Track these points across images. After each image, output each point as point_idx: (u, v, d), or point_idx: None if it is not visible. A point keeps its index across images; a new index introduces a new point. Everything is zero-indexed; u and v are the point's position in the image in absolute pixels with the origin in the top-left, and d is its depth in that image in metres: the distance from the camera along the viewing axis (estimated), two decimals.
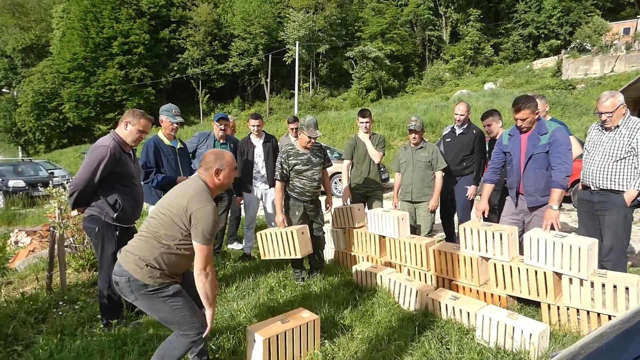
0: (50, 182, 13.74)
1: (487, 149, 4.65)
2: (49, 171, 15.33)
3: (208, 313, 2.26)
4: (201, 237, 2.14)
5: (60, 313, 3.31)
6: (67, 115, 35.82)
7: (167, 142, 3.95)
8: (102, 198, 2.98)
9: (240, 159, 4.78)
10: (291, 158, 3.80)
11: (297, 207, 3.93)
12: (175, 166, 3.93)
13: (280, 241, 3.71)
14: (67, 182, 4.40)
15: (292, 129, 5.73)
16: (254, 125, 4.85)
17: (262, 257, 3.88)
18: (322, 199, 4.22)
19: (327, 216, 4.67)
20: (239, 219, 5.89)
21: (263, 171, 4.89)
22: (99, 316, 3.17)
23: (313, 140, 3.78)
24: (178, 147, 4.04)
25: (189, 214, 2.15)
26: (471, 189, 4.55)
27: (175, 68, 38.34)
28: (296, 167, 3.81)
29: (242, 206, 5.11)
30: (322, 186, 4.11)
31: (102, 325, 3.07)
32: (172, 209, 2.19)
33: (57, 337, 2.92)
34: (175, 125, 3.93)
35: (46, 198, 12.52)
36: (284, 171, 3.81)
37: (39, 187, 13.18)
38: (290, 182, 3.89)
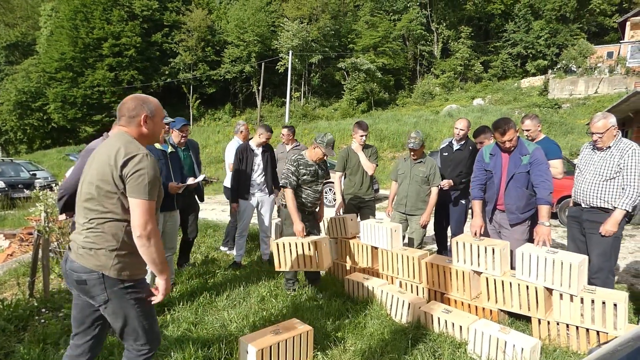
0: (34, 183, 13.50)
1: None
2: (31, 172, 14.94)
3: (161, 282, 1.93)
4: (138, 189, 1.79)
5: (42, 321, 3.18)
6: (51, 115, 35.00)
7: (157, 145, 3.82)
8: None
9: (239, 165, 4.73)
10: (302, 167, 3.80)
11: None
12: (166, 171, 3.79)
13: (301, 252, 3.53)
14: (55, 185, 4.25)
15: (284, 134, 5.86)
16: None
17: (277, 269, 3.64)
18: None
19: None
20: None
21: (260, 179, 4.85)
22: None
23: (325, 158, 3.85)
24: (169, 150, 3.92)
25: (121, 171, 1.79)
26: (447, 181, 4.55)
27: (167, 72, 38.04)
28: (304, 177, 3.82)
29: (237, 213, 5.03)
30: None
31: None
32: (100, 176, 1.82)
33: (39, 346, 2.80)
34: (166, 127, 3.83)
35: (27, 200, 12.21)
36: (294, 180, 3.77)
37: (21, 189, 12.86)
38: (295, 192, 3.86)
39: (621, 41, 28.64)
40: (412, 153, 4.49)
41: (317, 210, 4.20)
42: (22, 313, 3.28)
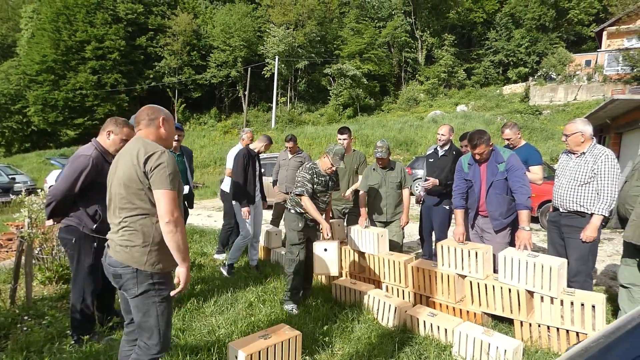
0: (14, 188, 13.18)
1: None
2: (10, 176, 14.60)
3: (182, 270, 2.06)
4: (162, 181, 1.95)
5: (25, 328, 3.12)
6: (31, 118, 34.17)
7: None
8: (82, 209, 2.88)
9: (245, 169, 4.72)
10: (315, 177, 3.75)
11: (300, 219, 3.84)
12: None
13: (320, 255, 3.66)
14: (41, 191, 4.16)
15: (289, 147, 5.91)
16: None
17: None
18: None
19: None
20: (232, 230, 5.67)
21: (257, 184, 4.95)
22: (69, 332, 3.03)
23: (333, 169, 3.78)
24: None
25: (145, 168, 1.96)
26: (432, 180, 4.63)
27: (151, 76, 37.63)
28: (316, 186, 3.76)
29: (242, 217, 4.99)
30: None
31: (72, 342, 2.93)
32: (128, 177, 1.98)
33: (22, 354, 2.76)
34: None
35: (6, 205, 11.91)
36: (310, 188, 3.71)
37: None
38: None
39: (598, 50, 29.48)
40: (379, 162, 4.55)
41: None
42: (3, 321, 3.22)
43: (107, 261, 2.11)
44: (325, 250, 3.66)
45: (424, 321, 3.26)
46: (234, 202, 4.81)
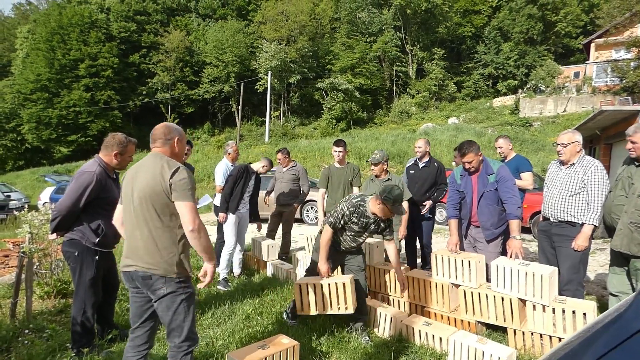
0: (9, 205, 13.13)
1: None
2: (5, 194, 14.58)
3: (209, 266, 2.33)
4: (185, 194, 2.19)
5: (26, 342, 3.15)
6: (25, 136, 34.22)
7: None
8: (85, 223, 2.96)
9: (236, 182, 4.91)
10: (355, 216, 3.28)
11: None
12: None
13: (327, 294, 3.26)
14: (42, 207, 4.22)
15: (279, 159, 6.01)
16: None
17: (299, 312, 3.38)
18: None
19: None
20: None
21: (246, 199, 5.09)
22: (69, 345, 3.06)
23: (393, 216, 3.33)
24: None
25: (167, 182, 2.18)
26: (429, 203, 4.88)
27: (144, 92, 37.86)
28: (352, 224, 3.33)
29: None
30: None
31: (72, 354, 2.95)
32: (152, 191, 2.19)
33: None
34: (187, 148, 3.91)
35: (2, 222, 11.85)
36: (339, 224, 3.31)
37: None
38: None
39: (587, 62, 30.06)
40: (373, 169, 4.67)
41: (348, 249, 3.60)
42: (5, 334, 3.26)
43: (131, 272, 2.25)
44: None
45: (419, 330, 3.32)
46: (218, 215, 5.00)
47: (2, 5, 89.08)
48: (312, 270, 3.58)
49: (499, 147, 4.69)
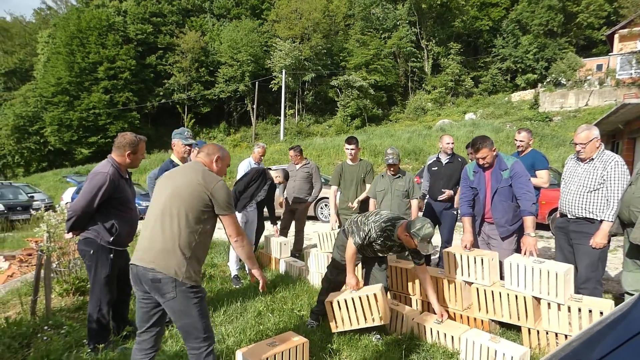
0: (32, 205, 13.55)
1: None
2: (29, 195, 15.05)
3: (256, 271, 2.54)
4: (227, 207, 2.32)
5: (45, 338, 3.25)
6: (48, 138, 35.27)
7: (176, 160, 3.92)
8: (100, 223, 3.03)
9: (250, 182, 4.90)
10: (381, 239, 3.24)
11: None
12: None
13: (360, 308, 3.20)
14: (58, 207, 4.35)
15: (292, 156, 6.03)
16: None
17: (334, 330, 3.33)
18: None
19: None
20: None
21: (258, 200, 5.08)
22: (85, 341, 3.14)
23: (415, 248, 3.19)
24: None
25: (210, 191, 2.27)
26: (448, 192, 4.81)
27: (161, 93, 38.50)
28: (375, 245, 3.30)
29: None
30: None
31: (89, 350, 3.04)
32: (189, 191, 2.26)
33: None
34: (188, 147, 3.94)
35: (26, 222, 12.23)
36: (359, 241, 3.25)
37: (19, 211, 12.91)
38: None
39: (610, 53, 29.19)
40: (390, 168, 4.60)
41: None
42: (25, 331, 3.36)
43: (142, 267, 2.23)
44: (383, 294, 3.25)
45: (431, 328, 3.29)
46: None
47: (23, 11, 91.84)
48: (332, 277, 3.57)
49: (521, 141, 4.51)
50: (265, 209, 5.45)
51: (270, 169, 5.18)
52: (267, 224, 5.73)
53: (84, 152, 34.64)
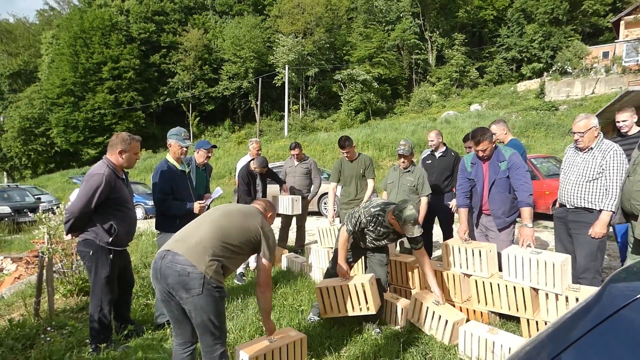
0: (39, 207, 13.71)
1: None
2: (36, 197, 15.21)
3: (268, 327, 2.70)
4: (269, 254, 2.45)
5: (48, 339, 3.30)
6: (54, 140, 35.65)
7: (178, 166, 3.86)
8: (98, 224, 3.06)
9: (244, 184, 5.01)
10: (372, 225, 3.25)
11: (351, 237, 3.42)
12: (187, 191, 3.86)
13: (348, 296, 3.23)
14: (57, 208, 4.40)
15: (293, 154, 6.04)
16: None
17: (323, 316, 3.42)
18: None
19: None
20: None
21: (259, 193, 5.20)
22: (88, 341, 3.19)
23: (400, 232, 3.22)
24: (187, 171, 4.00)
25: (261, 232, 2.44)
26: (453, 202, 4.76)
27: (166, 92, 38.67)
28: (368, 231, 3.31)
29: None
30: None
31: (90, 350, 3.08)
32: (248, 226, 2.42)
33: None
34: (185, 149, 3.87)
35: (33, 224, 12.38)
36: (351, 228, 3.31)
37: (26, 213, 13.05)
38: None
39: (616, 40, 28.76)
40: (402, 160, 4.54)
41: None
42: (28, 332, 3.41)
43: (169, 259, 2.22)
44: (372, 284, 3.24)
45: (428, 307, 3.29)
46: None
47: (26, 13, 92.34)
48: (332, 270, 3.55)
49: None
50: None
51: (248, 164, 5.31)
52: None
53: (91, 153, 34.95)
